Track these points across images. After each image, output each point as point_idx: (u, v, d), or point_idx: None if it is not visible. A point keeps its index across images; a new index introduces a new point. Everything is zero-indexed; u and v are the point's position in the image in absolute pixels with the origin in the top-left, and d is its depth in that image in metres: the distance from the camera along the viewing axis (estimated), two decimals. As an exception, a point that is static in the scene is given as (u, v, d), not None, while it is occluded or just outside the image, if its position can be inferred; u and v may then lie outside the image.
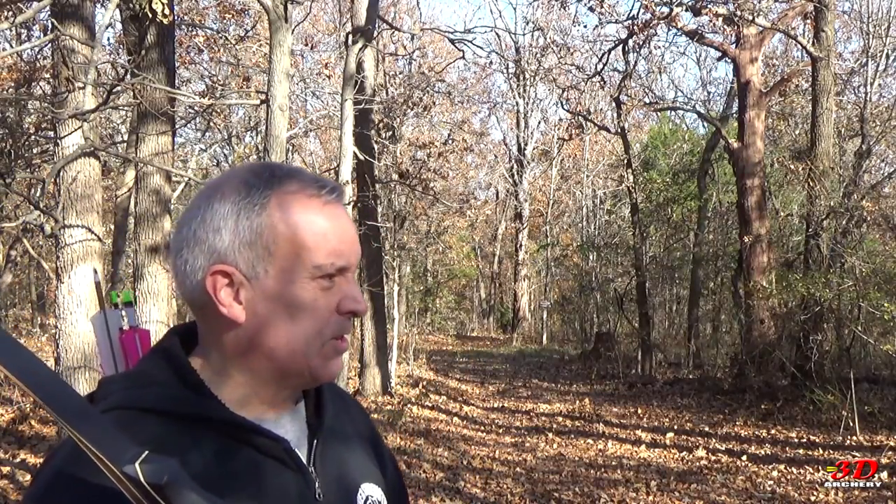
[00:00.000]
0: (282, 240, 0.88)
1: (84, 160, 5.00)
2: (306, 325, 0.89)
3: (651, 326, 14.92)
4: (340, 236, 0.91)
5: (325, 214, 0.91)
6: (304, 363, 0.91)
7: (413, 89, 14.59)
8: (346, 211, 0.95)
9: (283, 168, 0.93)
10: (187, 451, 0.84)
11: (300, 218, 0.89)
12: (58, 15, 5.03)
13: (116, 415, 0.84)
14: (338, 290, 0.91)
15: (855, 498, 5.94)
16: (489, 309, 30.97)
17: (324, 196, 0.91)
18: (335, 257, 0.90)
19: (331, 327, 0.91)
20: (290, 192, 0.90)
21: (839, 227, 10.31)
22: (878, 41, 12.22)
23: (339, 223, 0.92)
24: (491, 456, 7.77)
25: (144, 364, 0.94)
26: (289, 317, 0.89)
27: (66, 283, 4.94)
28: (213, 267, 0.88)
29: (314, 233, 0.89)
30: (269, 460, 0.89)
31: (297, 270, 0.89)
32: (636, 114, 21.78)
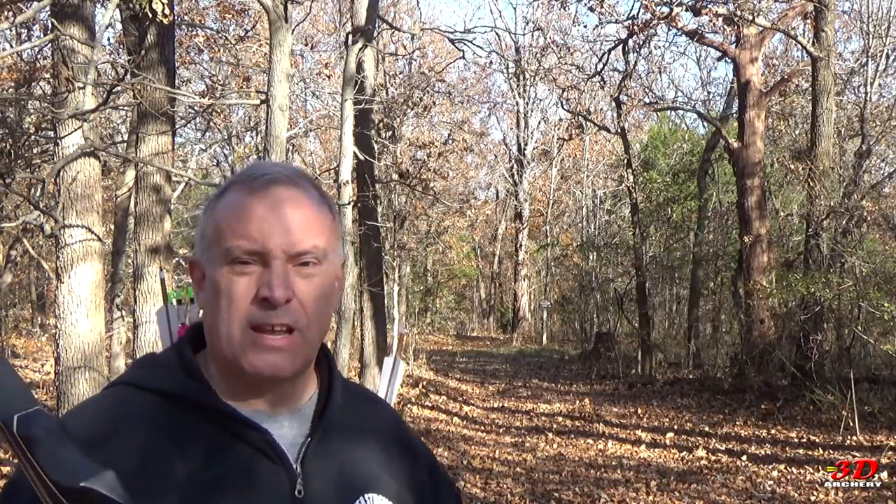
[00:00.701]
0: (210, 226, 0.92)
1: (84, 160, 5.00)
2: (224, 312, 0.89)
3: (651, 326, 14.91)
4: (259, 220, 0.88)
5: (249, 198, 0.90)
6: (230, 353, 0.90)
7: (413, 89, 14.60)
8: (294, 194, 0.91)
9: (257, 165, 0.96)
10: (172, 430, 0.88)
11: (224, 203, 0.92)
12: (58, 15, 5.03)
13: (116, 389, 0.93)
14: (257, 277, 0.88)
15: (855, 498, 5.94)
16: (489, 309, 30.97)
17: (257, 181, 0.91)
18: (245, 240, 0.88)
19: (249, 314, 0.88)
20: (237, 183, 0.93)
21: (839, 227, 10.31)
22: (878, 41, 12.21)
23: (262, 207, 0.89)
24: (491, 456, 7.77)
25: (161, 353, 1.00)
26: (215, 303, 0.90)
27: (66, 283, 4.94)
28: (190, 258, 0.96)
29: (228, 216, 0.90)
30: (252, 450, 0.90)
31: (216, 255, 0.90)
32: (636, 114, 21.78)
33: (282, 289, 0.87)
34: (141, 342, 5.69)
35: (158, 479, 0.84)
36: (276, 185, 0.90)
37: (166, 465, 0.85)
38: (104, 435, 0.85)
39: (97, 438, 0.84)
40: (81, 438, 0.81)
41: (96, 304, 5.05)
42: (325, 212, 0.94)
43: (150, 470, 0.84)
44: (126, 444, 0.85)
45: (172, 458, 0.86)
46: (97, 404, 0.93)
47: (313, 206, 0.93)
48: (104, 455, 0.80)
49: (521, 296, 26.39)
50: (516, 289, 26.56)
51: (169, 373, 0.93)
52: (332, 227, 0.95)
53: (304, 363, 0.94)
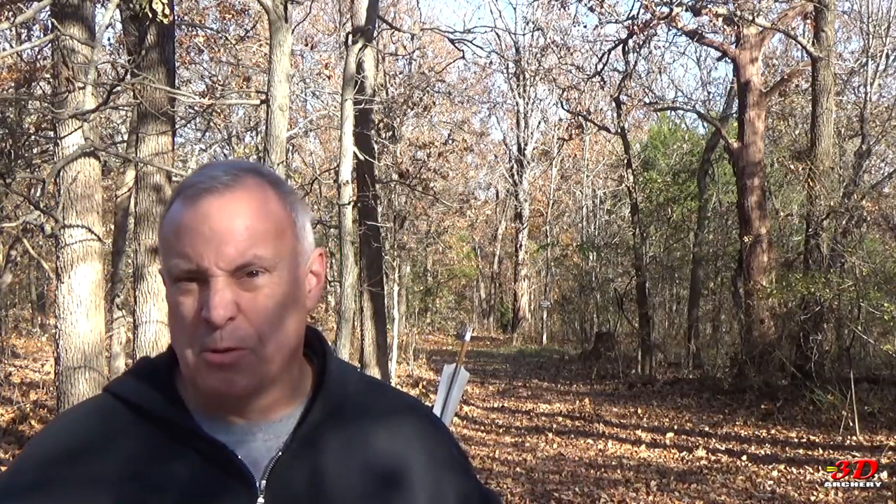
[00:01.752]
0: (160, 239, 0.87)
1: (84, 160, 4.99)
2: (177, 333, 0.85)
3: (651, 326, 14.91)
4: (191, 235, 0.82)
5: (183, 212, 0.83)
6: (188, 374, 0.86)
7: (413, 89, 14.60)
8: (231, 201, 0.83)
9: (198, 174, 0.86)
10: (131, 443, 0.86)
11: (167, 216, 0.85)
12: (58, 15, 5.03)
13: (101, 397, 0.91)
14: (199, 296, 0.82)
15: (855, 498, 5.94)
16: (489, 309, 30.97)
17: (189, 191, 0.83)
18: (181, 259, 0.82)
19: (197, 337, 0.83)
20: (178, 193, 0.86)
21: (839, 227, 10.31)
22: (878, 41, 12.22)
23: (197, 216, 0.82)
24: (491, 456, 7.77)
25: (158, 356, 0.96)
26: (171, 322, 0.86)
27: (66, 283, 4.94)
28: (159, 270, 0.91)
29: (167, 231, 0.84)
30: (209, 465, 0.85)
31: (164, 272, 0.85)
32: (636, 114, 21.79)
33: (220, 309, 0.81)
34: (141, 342, 5.69)
35: (103, 495, 0.82)
36: (208, 194, 0.82)
37: (113, 483, 0.83)
38: (72, 453, 0.85)
39: (51, 457, 0.84)
40: (52, 455, 0.84)
41: (96, 304, 5.05)
42: (271, 213, 0.85)
43: (92, 487, 0.82)
44: (88, 464, 0.84)
45: (120, 473, 0.84)
46: (72, 418, 0.92)
47: (253, 211, 0.83)
48: (49, 474, 0.82)
49: (521, 296, 26.39)
50: (516, 289, 26.56)
51: (136, 381, 0.90)
52: (282, 228, 0.86)
53: (265, 379, 0.86)
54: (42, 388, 9.37)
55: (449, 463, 0.98)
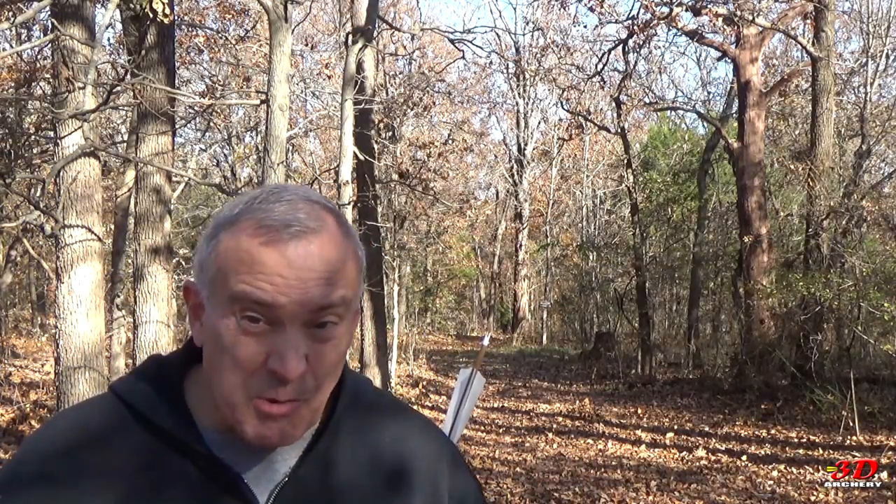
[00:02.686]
0: (216, 263, 0.80)
1: (84, 160, 4.99)
2: (227, 372, 0.79)
3: (651, 326, 14.92)
4: (275, 273, 0.77)
5: (268, 247, 0.78)
6: (231, 417, 0.81)
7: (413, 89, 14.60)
8: (316, 248, 0.79)
9: (274, 196, 0.81)
10: (131, 456, 0.83)
11: (237, 244, 0.79)
12: (58, 15, 5.03)
13: (105, 397, 0.88)
14: (270, 340, 0.78)
15: (855, 498, 5.94)
16: (489, 309, 30.97)
17: (278, 228, 0.78)
18: (257, 290, 0.76)
19: (254, 385, 0.78)
20: (241, 224, 0.80)
21: (839, 227, 10.32)
22: (878, 41, 12.23)
23: (283, 259, 0.77)
24: (491, 456, 7.77)
25: (169, 356, 0.93)
26: (217, 356, 0.80)
27: (66, 283, 4.94)
28: (186, 281, 0.86)
29: (241, 261, 0.78)
30: (209, 482, 0.83)
31: (221, 299, 0.79)
32: (636, 114, 21.77)
33: (295, 363, 0.77)
34: (141, 342, 5.69)
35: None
36: (299, 238, 0.78)
37: (109, 494, 0.81)
38: (62, 455, 0.83)
39: (58, 458, 0.82)
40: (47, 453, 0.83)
41: (96, 304, 5.05)
42: (351, 254, 0.83)
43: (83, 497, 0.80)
44: (89, 461, 0.82)
45: (116, 487, 0.81)
46: (74, 416, 0.88)
47: (339, 252, 0.81)
48: (64, 473, 0.81)
49: (521, 296, 26.39)
50: (516, 289, 26.56)
51: (146, 387, 0.87)
52: (355, 275, 0.83)
53: (311, 424, 0.86)
54: (42, 388, 9.37)
55: (452, 464, 0.97)
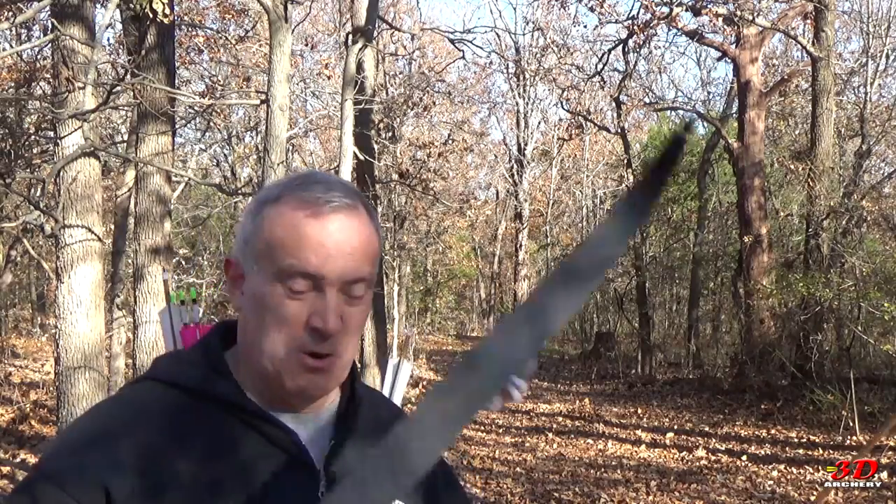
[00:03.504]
0: (262, 238, 0.90)
1: (84, 160, 4.99)
2: (270, 331, 0.89)
3: (651, 326, 14.92)
4: (319, 243, 0.88)
5: (312, 219, 0.88)
6: (272, 370, 0.90)
7: (413, 89, 14.60)
8: (352, 223, 0.90)
9: (312, 178, 0.92)
10: (197, 427, 0.89)
11: (282, 219, 0.89)
12: (58, 15, 5.03)
13: (144, 385, 0.94)
14: (310, 302, 0.88)
15: (855, 498, 5.94)
16: (489, 309, 30.97)
17: (319, 203, 0.89)
18: (303, 263, 0.87)
19: (298, 340, 0.89)
20: (286, 199, 0.90)
21: (839, 227, 10.32)
22: (878, 41, 12.23)
23: (325, 231, 0.88)
24: (491, 456, 7.77)
25: (188, 350, 1.00)
26: (261, 318, 0.90)
27: (66, 283, 4.94)
28: (228, 256, 0.95)
29: (284, 236, 0.88)
30: (275, 449, 0.91)
31: (268, 271, 0.88)
32: (636, 114, 21.77)
33: (334, 320, 0.88)
34: (141, 342, 5.69)
35: (172, 475, 0.85)
36: (334, 212, 0.89)
37: (183, 462, 0.86)
38: (115, 433, 0.86)
39: (110, 435, 0.86)
40: (93, 436, 0.86)
41: (96, 304, 5.05)
42: (375, 235, 0.94)
43: (162, 466, 0.85)
44: (141, 439, 0.86)
45: (190, 454, 0.86)
46: (117, 401, 0.95)
47: (369, 231, 0.93)
48: (118, 451, 0.84)
49: (521, 296, 26.38)
50: (516, 289, 26.55)
51: (195, 368, 0.93)
52: (377, 251, 0.95)
53: (340, 381, 0.96)
54: (42, 388, 9.37)
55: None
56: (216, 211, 14.55)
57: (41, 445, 7.04)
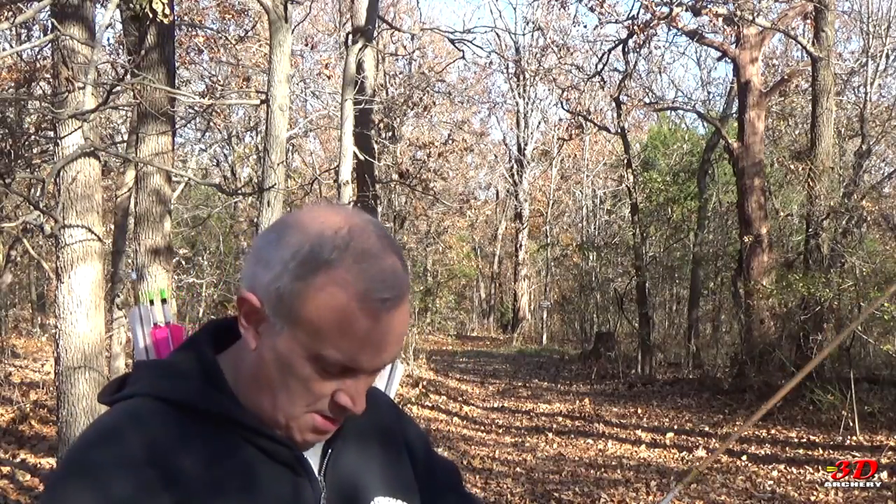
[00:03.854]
0: (306, 313, 0.84)
1: (84, 160, 4.99)
2: (294, 394, 0.87)
3: (651, 326, 14.91)
4: (371, 343, 0.85)
5: (368, 319, 0.84)
6: (283, 423, 0.90)
7: (413, 89, 14.61)
8: (402, 316, 0.86)
9: (359, 245, 0.85)
10: (200, 447, 0.87)
11: (334, 302, 0.83)
12: (58, 15, 5.03)
13: (141, 402, 0.89)
14: (339, 380, 0.88)
15: (855, 498, 5.94)
16: (489, 309, 30.98)
17: (370, 304, 0.83)
18: (348, 359, 0.85)
19: (318, 407, 0.88)
20: (342, 279, 0.83)
21: (839, 227, 10.32)
22: (878, 41, 12.23)
23: (379, 331, 0.84)
24: (491, 456, 7.77)
25: (176, 355, 0.96)
26: (283, 379, 0.87)
27: (66, 283, 4.93)
28: (249, 293, 0.88)
29: (338, 326, 0.84)
30: (277, 465, 0.90)
31: (304, 346, 0.85)
32: (636, 114, 21.79)
33: (363, 402, 0.89)
34: (141, 342, 5.68)
35: (179, 471, 0.84)
36: (393, 309, 0.85)
37: (187, 462, 0.85)
38: (122, 431, 0.85)
39: (119, 434, 0.85)
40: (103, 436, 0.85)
41: (96, 304, 5.05)
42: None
43: (169, 461, 0.84)
44: (147, 438, 0.85)
45: (192, 458, 0.86)
46: (112, 415, 0.89)
47: (409, 315, 0.90)
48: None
49: (521, 296, 26.39)
50: (516, 289, 26.56)
51: (191, 381, 0.90)
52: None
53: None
54: (42, 388, 9.37)
55: (402, 430, 1.11)
56: (216, 211, 14.56)
57: (41, 445, 7.04)
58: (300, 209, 0.94)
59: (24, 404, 8.30)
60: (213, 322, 0.99)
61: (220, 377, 0.91)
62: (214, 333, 0.97)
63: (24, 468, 6.32)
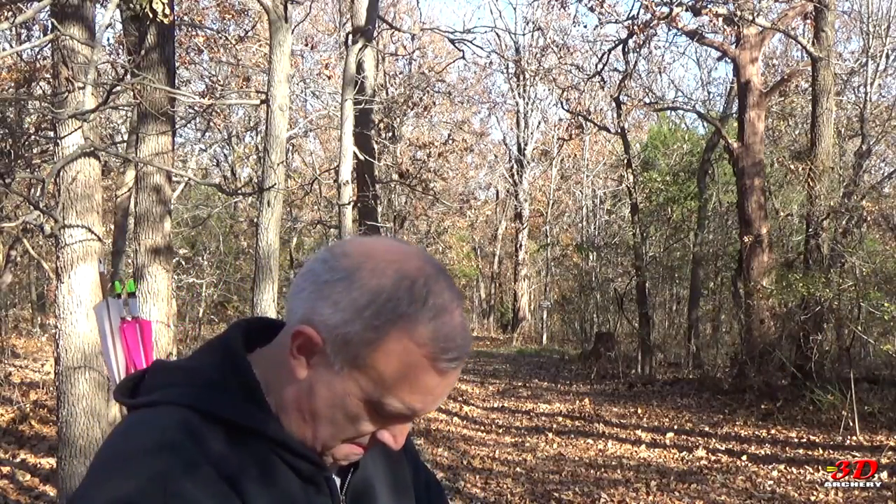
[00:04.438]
0: (374, 364, 0.84)
1: (84, 160, 4.99)
2: (338, 428, 0.89)
3: (651, 326, 14.91)
4: (432, 395, 0.87)
5: (437, 375, 0.86)
6: (320, 448, 0.91)
7: (413, 89, 14.61)
8: (454, 375, 0.88)
9: (437, 300, 0.85)
10: (240, 463, 0.85)
11: (407, 356, 0.84)
12: (58, 15, 5.03)
13: (184, 415, 0.85)
14: (389, 421, 0.90)
15: (855, 498, 5.94)
16: (489, 309, 30.97)
17: (443, 363, 0.85)
18: (407, 408, 0.87)
19: (354, 435, 0.90)
20: (419, 336, 0.84)
21: (839, 227, 10.32)
22: (878, 41, 12.23)
23: (435, 388, 0.87)
24: (491, 456, 7.77)
25: (207, 359, 0.92)
26: (330, 413, 0.88)
27: (66, 283, 4.93)
28: (308, 328, 0.86)
29: (405, 377, 0.85)
30: (308, 485, 0.91)
31: (365, 392, 0.86)
32: (636, 114, 21.79)
33: (403, 440, 0.92)
34: (141, 342, 5.68)
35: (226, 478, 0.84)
36: (460, 365, 0.88)
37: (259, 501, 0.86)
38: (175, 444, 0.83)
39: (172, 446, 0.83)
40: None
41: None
42: None
43: (220, 469, 0.83)
44: (232, 478, 0.84)
45: (260, 493, 0.86)
46: (187, 438, 0.84)
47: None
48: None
49: (521, 296, 26.39)
50: (516, 289, 26.56)
51: (233, 398, 0.88)
52: None
53: None
54: (42, 388, 9.37)
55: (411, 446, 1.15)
56: (216, 211, 14.56)
57: (41, 445, 7.04)
58: (364, 240, 0.91)
59: (24, 404, 8.30)
60: (242, 324, 0.97)
61: (258, 391, 0.90)
62: (245, 336, 0.94)
63: (24, 468, 6.32)
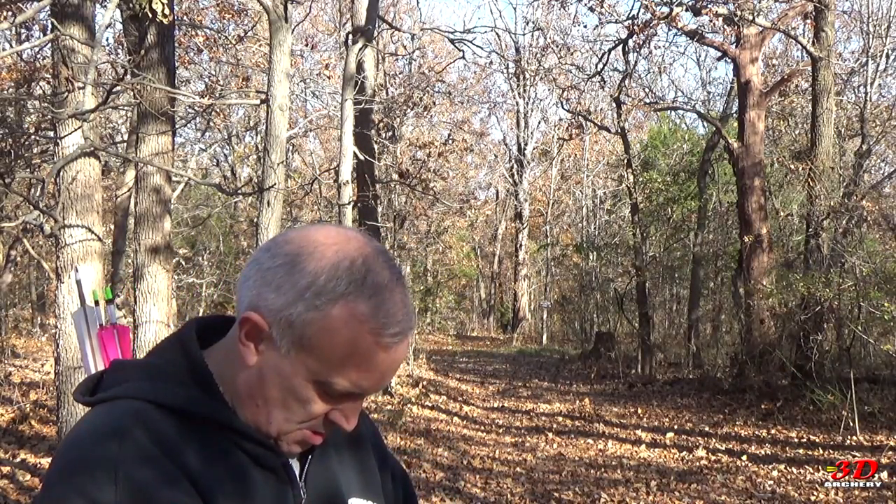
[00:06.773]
0: (318, 344, 0.86)
1: (84, 160, 4.99)
2: (291, 412, 0.90)
3: (651, 326, 14.91)
4: (378, 372, 0.88)
5: (380, 350, 0.87)
6: (274, 434, 0.92)
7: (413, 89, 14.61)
8: (403, 346, 0.90)
9: (376, 279, 0.87)
10: (199, 448, 0.87)
11: (347, 332, 0.86)
12: (58, 15, 5.03)
13: (136, 406, 0.87)
14: (338, 402, 0.91)
15: (855, 498, 5.94)
16: (489, 309, 30.98)
17: (385, 338, 0.87)
18: (354, 387, 0.88)
19: (312, 423, 0.91)
20: (360, 313, 0.86)
21: (839, 227, 10.31)
22: (878, 41, 12.22)
23: (380, 364, 0.88)
24: (491, 456, 7.77)
25: (162, 355, 0.95)
26: (281, 396, 0.89)
27: (66, 283, 4.94)
28: (254, 314, 0.88)
29: (348, 355, 0.86)
30: (265, 471, 0.92)
31: (309, 370, 0.87)
32: (636, 114, 21.78)
33: (355, 421, 0.93)
34: (141, 342, 5.69)
35: (198, 491, 0.85)
36: (403, 340, 0.89)
37: (204, 482, 0.86)
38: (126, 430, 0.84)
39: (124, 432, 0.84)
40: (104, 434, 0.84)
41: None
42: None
43: (193, 483, 0.85)
44: (179, 458, 0.85)
45: (206, 473, 0.86)
46: (134, 424, 0.85)
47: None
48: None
49: (521, 296, 26.39)
50: (516, 289, 26.57)
51: (184, 388, 0.90)
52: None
53: None
54: (42, 388, 9.37)
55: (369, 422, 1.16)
56: (216, 211, 14.56)
57: (41, 445, 7.03)
58: (306, 228, 0.93)
59: (24, 404, 8.30)
60: (196, 321, 0.99)
61: (212, 382, 0.92)
62: (199, 333, 0.96)
63: (24, 468, 6.32)
